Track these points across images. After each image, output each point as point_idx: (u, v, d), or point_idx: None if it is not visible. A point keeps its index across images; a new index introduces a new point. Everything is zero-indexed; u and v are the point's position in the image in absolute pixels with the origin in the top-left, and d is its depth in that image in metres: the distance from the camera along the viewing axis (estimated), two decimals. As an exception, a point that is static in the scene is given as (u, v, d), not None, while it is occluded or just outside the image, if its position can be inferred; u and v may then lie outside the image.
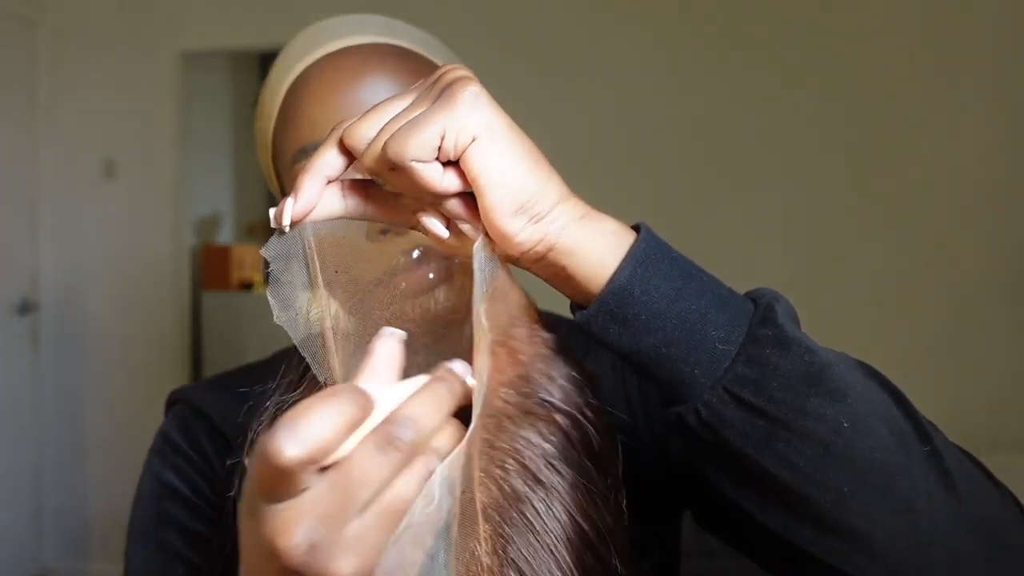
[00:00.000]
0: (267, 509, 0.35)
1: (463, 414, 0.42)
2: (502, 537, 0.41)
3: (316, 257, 0.45)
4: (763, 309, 0.42)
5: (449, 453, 0.37)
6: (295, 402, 0.52)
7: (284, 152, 0.62)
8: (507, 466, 0.42)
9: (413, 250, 0.55)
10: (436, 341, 0.60)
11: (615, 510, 0.46)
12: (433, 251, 0.56)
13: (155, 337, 3.20)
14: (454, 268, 0.58)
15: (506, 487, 0.42)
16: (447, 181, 0.41)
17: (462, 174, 0.40)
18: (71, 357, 3.25)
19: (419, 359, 0.60)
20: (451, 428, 0.39)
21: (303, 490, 0.34)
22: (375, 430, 0.36)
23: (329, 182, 0.43)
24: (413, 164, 0.39)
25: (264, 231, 5.04)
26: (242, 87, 5.10)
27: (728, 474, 0.44)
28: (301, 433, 0.33)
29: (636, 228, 0.44)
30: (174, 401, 0.70)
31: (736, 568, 0.59)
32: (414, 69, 0.61)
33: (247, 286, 4.35)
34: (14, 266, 3.12)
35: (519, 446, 0.43)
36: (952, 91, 2.60)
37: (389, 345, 0.40)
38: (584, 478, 0.45)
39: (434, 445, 0.37)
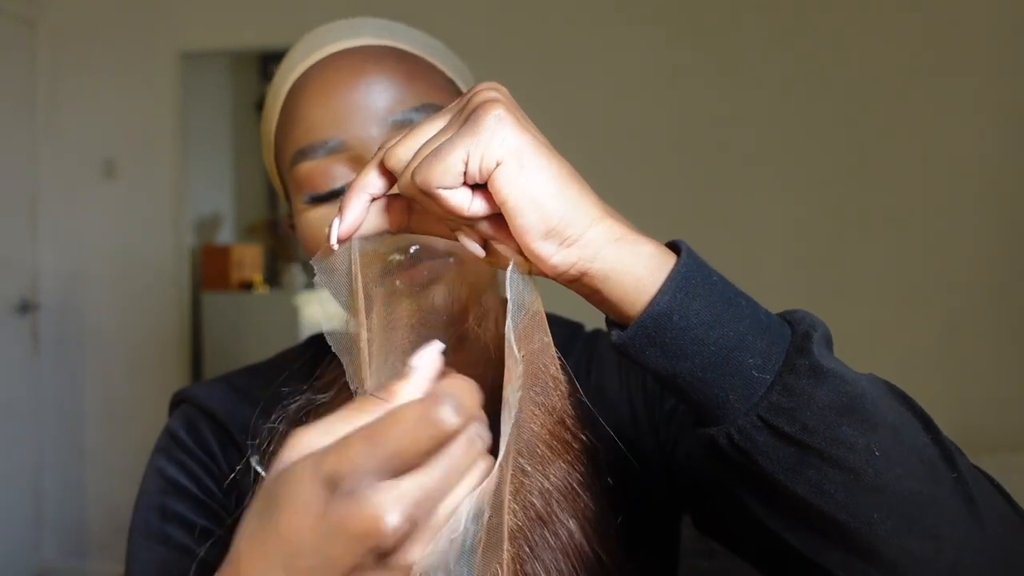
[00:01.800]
0: (373, 490, 0.34)
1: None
2: (523, 558, 0.42)
3: (359, 272, 0.46)
4: (800, 337, 0.42)
5: (483, 423, 0.38)
6: (326, 404, 0.51)
7: (285, 154, 0.63)
8: (535, 490, 0.43)
9: (411, 247, 0.55)
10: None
11: (618, 534, 0.48)
12: (430, 251, 0.56)
13: (155, 337, 3.20)
14: (449, 268, 0.58)
15: (531, 512, 0.43)
16: (476, 206, 0.41)
17: (491, 196, 0.40)
18: (71, 357, 3.26)
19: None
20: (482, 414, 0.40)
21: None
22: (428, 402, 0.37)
23: (374, 199, 0.44)
24: (439, 191, 0.40)
25: (264, 231, 5.05)
26: (242, 87, 5.10)
27: (757, 496, 0.44)
28: (464, 402, 0.35)
29: (673, 246, 0.44)
30: (179, 401, 0.70)
31: (736, 568, 0.59)
32: (412, 71, 0.61)
33: (247, 286, 4.35)
34: (14, 266, 3.12)
35: (549, 472, 0.44)
36: (952, 93, 2.60)
37: (435, 359, 0.40)
38: (599, 505, 0.46)
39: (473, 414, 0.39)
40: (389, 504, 0.34)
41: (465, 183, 0.40)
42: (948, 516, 0.43)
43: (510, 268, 0.42)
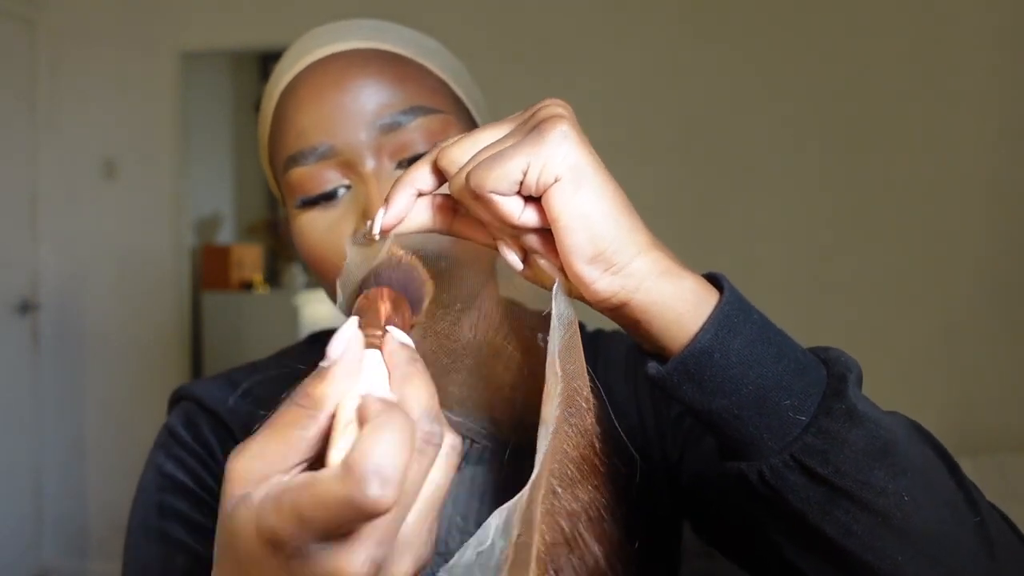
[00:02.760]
0: (322, 548, 0.31)
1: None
2: None
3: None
4: (836, 379, 0.43)
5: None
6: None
7: (278, 159, 0.63)
8: (563, 512, 0.43)
9: (440, 260, 0.55)
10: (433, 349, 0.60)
11: (636, 560, 0.48)
12: (421, 253, 0.56)
13: (155, 337, 3.20)
14: (441, 270, 0.58)
15: (559, 534, 0.43)
16: (526, 216, 0.40)
17: (543, 211, 0.40)
18: (71, 357, 3.25)
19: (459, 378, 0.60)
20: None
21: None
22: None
23: (421, 195, 0.44)
24: (492, 196, 0.39)
25: (264, 231, 5.05)
26: (242, 87, 5.10)
27: (783, 532, 0.45)
28: (388, 472, 0.29)
29: (713, 278, 0.44)
30: (178, 398, 0.70)
31: (736, 569, 0.60)
32: (401, 73, 0.61)
33: (247, 286, 4.35)
34: (14, 266, 3.12)
35: (578, 494, 0.44)
36: (952, 92, 2.60)
37: (357, 339, 0.35)
38: (624, 530, 0.47)
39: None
40: (347, 559, 0.31)
41: (519, 193, 0.40)
42: (968, 558, 0.43)
43: (555, 287, 0.42)
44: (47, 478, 3.24)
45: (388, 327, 0.38)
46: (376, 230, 0.43)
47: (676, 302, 0.41)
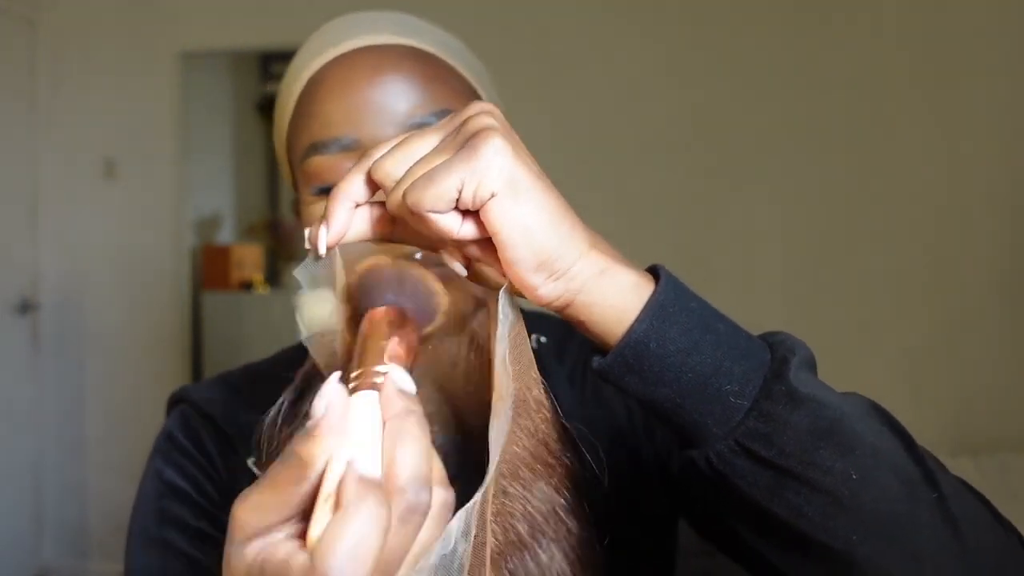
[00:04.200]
0: None
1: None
2: None
3: (341, 278, 0.46)
4: (778, 362, 0.43)
5: (442, 478, 0.36)
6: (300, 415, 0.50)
7: (298, 146, 0.62)
8: (517, 513, 0.43)
9: (415, 253, 0.55)
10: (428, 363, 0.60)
11: (602, 562, 0.48)
12: (427, 259, 0.56)
13: (155, 337, 3.20)
14: (446, 277, 0.58)
15: (512, 535, 0.43)
16: (465, 230, 0.41)
17: (481, 222, 0.40)
18: (71, 357, 3.25)
19: (425, 392, 0.60)
20: (433, 453, 0.36)
21: None
22: (396, 503, 0.33)
23: (357, 206, 0.44)
24: (429, 215, 0.39)
25: (264, 231, 5.05)
26: (242, 87, 5.10)
27: (737, 516, 0.45)
28: (356, 564, 0.30)
29: (653, 271, 0.44)
30: (176, 401, 0.70)
31: (736, 567, 0.59)
32: (431, 73, 0.61)
33: (247, 286, 4.35)
34: (14, 266, 3.12)
35: (531, 495, 0.44)
36: (952, 92, 2.60)
37: (341, 393, 0.35)
38: (584, 529, 0.47)
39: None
40: None
41: (456, 208, 0.40)
42: (928, 536, 0.43)
43: (501, 291, 0.42)
44: (47, 478, 3.24)
45: (389, 365, 0.38)
46: (322, 249, 0.43)
47: (616, 298, 0.42)
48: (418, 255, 0.54)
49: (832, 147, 2.69)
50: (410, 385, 0.37)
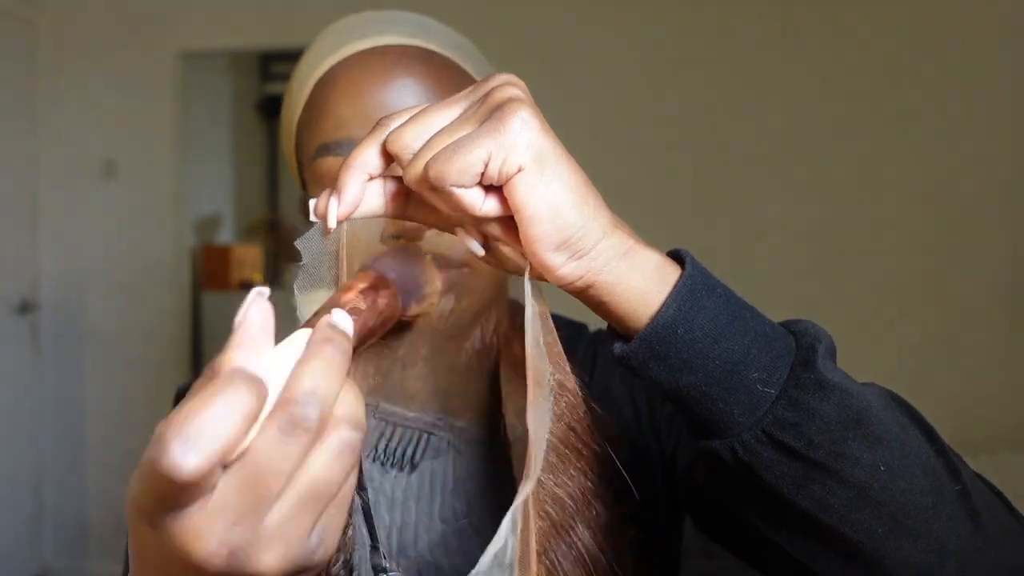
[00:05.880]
0: (172, 518, 0.30)
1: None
2: (550, 568, 0.43)
3: (344, 256, 0.45)
4: (805, 350, 0.42)
5: (354, 419, 0.33)
6: None
7: (308, 146, 0.62)
8: (550, 500, 0.43)
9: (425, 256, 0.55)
10: (435, 353, 0.60)
11: (628, 544, 0.48)
12: (444, 260, 0.56)
13: (155, 337, 3.20)
14: (463, 279, 0.58)
15: (546, 521, 0.43)
16: (488, 206, 0.39)
17: (504, 199, 0.39)
18: (71, 357, 3.25)
19: (417, 371, 0.60)
20: (351, 392, 0.33)
21: (210, 490, 0.30)
22: (275, 412, 0.31)
23: (370, 179, 0.42)
24: (452, 189, 0.38)
25: (264, 231, 5.04)
26: (242, 87, 5.10)
27: (759, 509, 0.44)
28: (199, 440, 0.27)
29: (677, 256, 0.43)
30: (182, 394, 0.70)
31: (737, 568, 0.59)
32: (442, 74, 0.61)
33: (247, 286, 4.35)
34: (14, 266, 3.12)
35: (562, 481, 0.44)
36: (952, 92, 2.60)
37: (260, 307, 0.33)
38: (610, 514, 0.47)
39: (338, 413, 0.32)
40: (198, 538, 0.30)
41: (480, 183, 0.39)
42: (951, 528, 0.42)
43: (527, 275, 0.42)
44: (47, 478, 3.24)
45: (334, 309, 0.36)
46: (332, 222, 0.41)
47: (640, 281, 0.41)
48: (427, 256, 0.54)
49: (832, 147, 2.69)
50: (347, 325, 0.35)
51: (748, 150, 2.74)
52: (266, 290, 0.33)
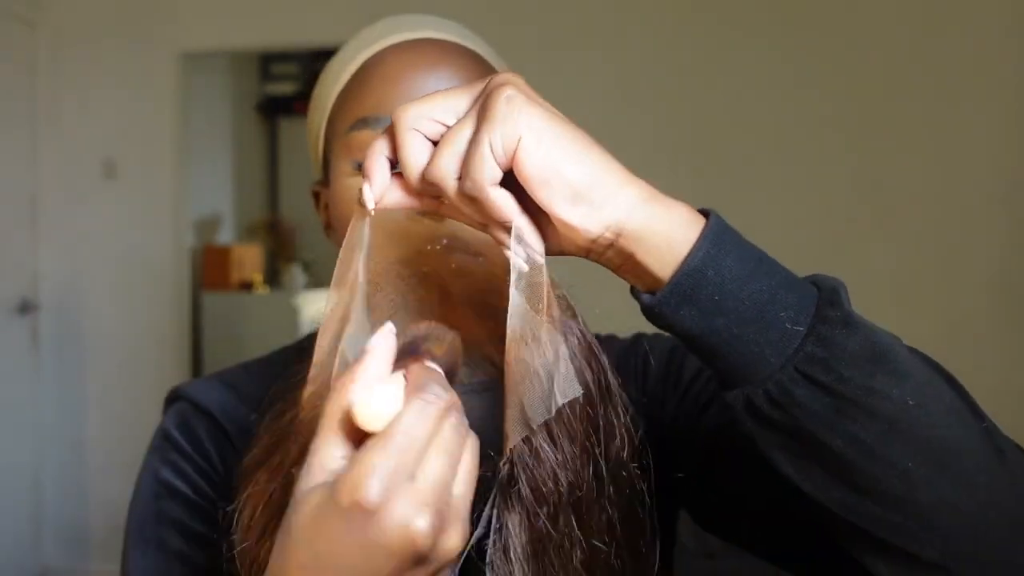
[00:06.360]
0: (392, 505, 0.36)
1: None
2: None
3: (368, 247, 0.48)
4: (828, 291, 0.43)
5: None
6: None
7: (344, 118, 0.64)
8: (555, 467, 0.48)
9: (443, 239, 0.55)
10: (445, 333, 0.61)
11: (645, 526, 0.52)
12: (461, 243, 0.56)
13: (155, 337, 3.20)
14: (479, 264, 0.58)
15: (552, 487, 0.48)
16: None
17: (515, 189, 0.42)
18: (71, 357, 3.25)
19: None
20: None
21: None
22: (447, 412, 0.39)
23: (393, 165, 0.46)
24: (488, 195, 0.41)
25: (264, 231, 5.04)
26: (242, 87, 5.10)
27: (791, 453, 0.44)
28: (426, 497, 0.37)
29: (703, 212, 0.45)
30: (173, 399, 0.70)
31: (736, 568, 0.60)
32: (479, 69, 0.65)
33: (247, 286, 4.35)
34: (14, 266, 3.12)
35: (566, 452, 0.48)
36: (954, 93, 2.60)
37: (389, 340, 0.41)
38: (628, 479, 0.51)
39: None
40: (412, 510, 0.36)
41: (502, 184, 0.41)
42: (980, 464, 0.43)
43: (513, 229, 0.44)
44: (47, 478, 3.24)
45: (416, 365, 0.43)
46: (371, 206, 0.45)
47: (666, 226, 0.42)
48: (444, 241, 0.54)
49: (832, 148, 2.69)
50: (430, 364, 0.42)
51: (747, 152, 2.74)
52: (393, 328, 0.42)
